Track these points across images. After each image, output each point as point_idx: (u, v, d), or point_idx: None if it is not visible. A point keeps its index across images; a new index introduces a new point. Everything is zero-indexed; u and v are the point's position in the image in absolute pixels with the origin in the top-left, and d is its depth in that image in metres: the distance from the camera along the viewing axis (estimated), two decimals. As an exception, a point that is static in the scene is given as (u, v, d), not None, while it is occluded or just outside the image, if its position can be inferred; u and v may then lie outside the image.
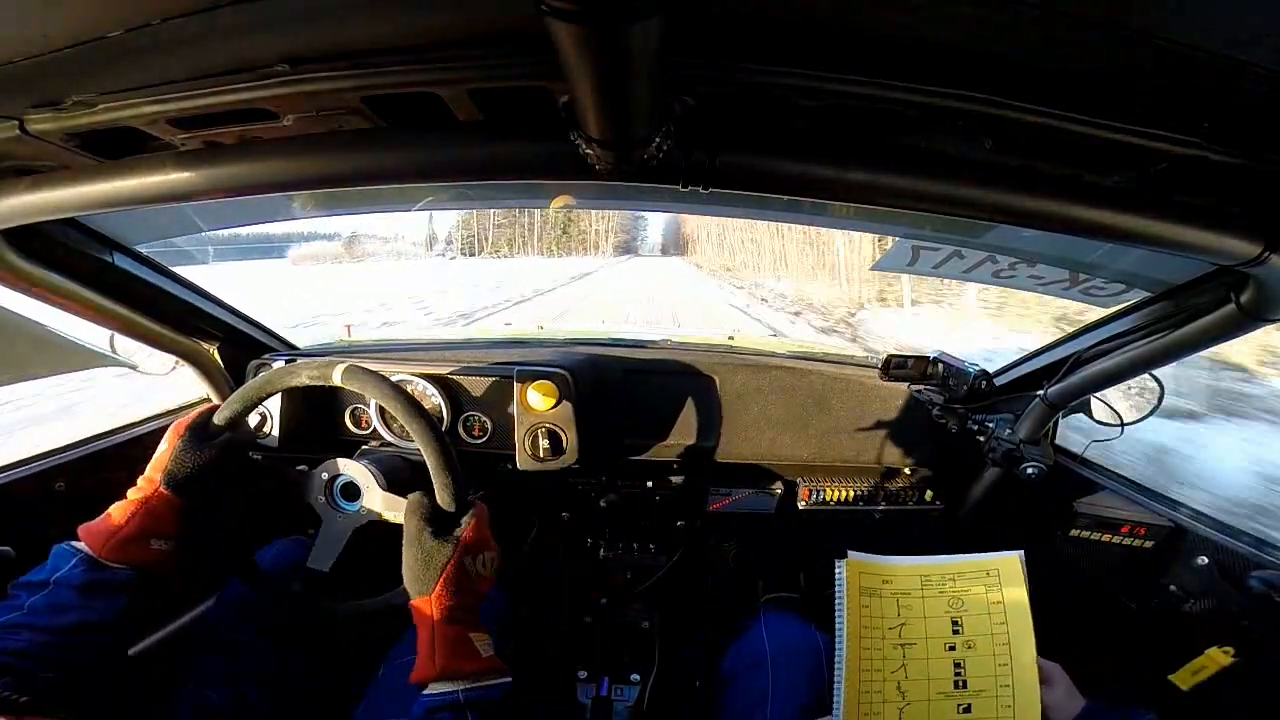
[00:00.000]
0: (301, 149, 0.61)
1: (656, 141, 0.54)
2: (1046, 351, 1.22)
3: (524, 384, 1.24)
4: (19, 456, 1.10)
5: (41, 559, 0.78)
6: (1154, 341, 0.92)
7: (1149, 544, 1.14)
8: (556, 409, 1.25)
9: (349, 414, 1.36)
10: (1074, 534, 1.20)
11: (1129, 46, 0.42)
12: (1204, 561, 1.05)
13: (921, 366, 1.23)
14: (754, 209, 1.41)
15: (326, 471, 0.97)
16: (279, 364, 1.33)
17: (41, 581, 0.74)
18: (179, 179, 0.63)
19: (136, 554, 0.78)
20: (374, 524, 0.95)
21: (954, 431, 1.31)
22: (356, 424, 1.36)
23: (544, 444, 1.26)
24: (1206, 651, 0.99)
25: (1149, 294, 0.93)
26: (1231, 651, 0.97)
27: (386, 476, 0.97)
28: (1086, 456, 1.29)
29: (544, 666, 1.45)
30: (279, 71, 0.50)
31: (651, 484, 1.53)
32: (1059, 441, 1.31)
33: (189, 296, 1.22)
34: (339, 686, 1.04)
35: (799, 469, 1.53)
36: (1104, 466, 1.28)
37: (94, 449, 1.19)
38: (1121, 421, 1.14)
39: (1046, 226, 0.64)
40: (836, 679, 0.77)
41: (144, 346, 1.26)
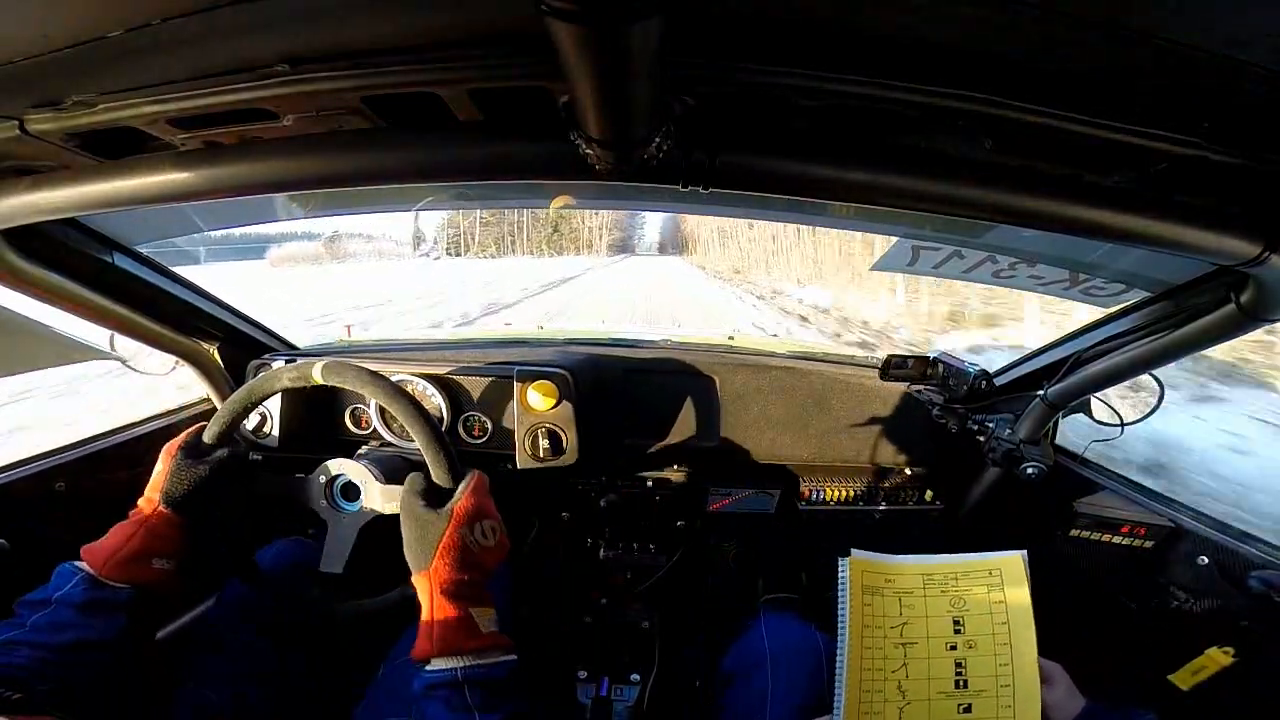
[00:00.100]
0: (301, 149, 0.61)
1: (656, 141, 0.54)
2: (1046, 351, 1.22)
3: (524, 384, 1.25)
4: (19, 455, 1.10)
5: (41, 559, 0.78)
6: (1154, 341, 0.92)
7: (1149, 544, 1.14)
8: (556, 409, 1.25)
9: (349, 414, 1.36)
10: (1074, 534, 1.20)
11: (1129, 46, 0.42)
12: (1204, 561, 1.05)
13: (921, 366, 1.23)
14: (754, 209, 1.42)
15: (323, 474, 0.97)
16: (279, 364, 1.33)
17: (43, 600, 0.74)
18: (179, 179, 0.63)
19: (138, 573, 0.78)
20: (381, 520, 0.95)
21: (954, 431, 1.31)
22: (357, 424, 1.37)
23: (544, 444, 1.26)
24: (1206, 651, 0.99)
25: (1149, 294, 0.93)
26: (1231, 651, 0.97)
27: (385, 473, 0.97)
28: (1086, 456, 1.29)
29: (544, 666, 1.44)
30: (279, 71, 0.50)
31: (651, 484, 1.52)
32: (1059, 441, 1.31)
33: (189, 296, 1.22)
34: (339, 686, 1.04)
35: (799, 469, 1.53)
36: (1104, 466, 1.28)
37: (94, 449, 1.19)
38: (1121, 421, 1.15)
39: (1046, 226, 0.64)
40: (838, 678, 0.77)
41: (144, 346, 1.26)
